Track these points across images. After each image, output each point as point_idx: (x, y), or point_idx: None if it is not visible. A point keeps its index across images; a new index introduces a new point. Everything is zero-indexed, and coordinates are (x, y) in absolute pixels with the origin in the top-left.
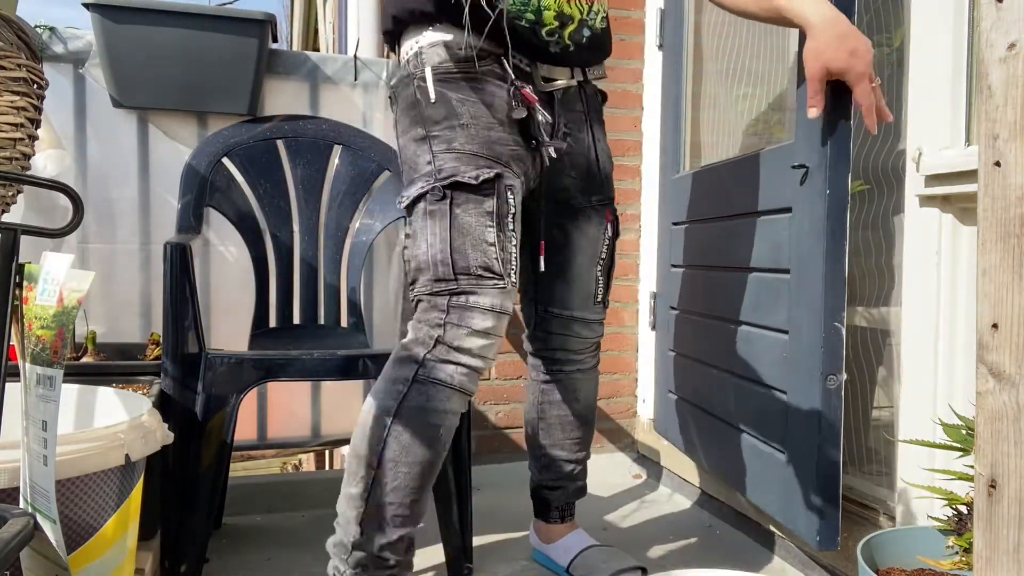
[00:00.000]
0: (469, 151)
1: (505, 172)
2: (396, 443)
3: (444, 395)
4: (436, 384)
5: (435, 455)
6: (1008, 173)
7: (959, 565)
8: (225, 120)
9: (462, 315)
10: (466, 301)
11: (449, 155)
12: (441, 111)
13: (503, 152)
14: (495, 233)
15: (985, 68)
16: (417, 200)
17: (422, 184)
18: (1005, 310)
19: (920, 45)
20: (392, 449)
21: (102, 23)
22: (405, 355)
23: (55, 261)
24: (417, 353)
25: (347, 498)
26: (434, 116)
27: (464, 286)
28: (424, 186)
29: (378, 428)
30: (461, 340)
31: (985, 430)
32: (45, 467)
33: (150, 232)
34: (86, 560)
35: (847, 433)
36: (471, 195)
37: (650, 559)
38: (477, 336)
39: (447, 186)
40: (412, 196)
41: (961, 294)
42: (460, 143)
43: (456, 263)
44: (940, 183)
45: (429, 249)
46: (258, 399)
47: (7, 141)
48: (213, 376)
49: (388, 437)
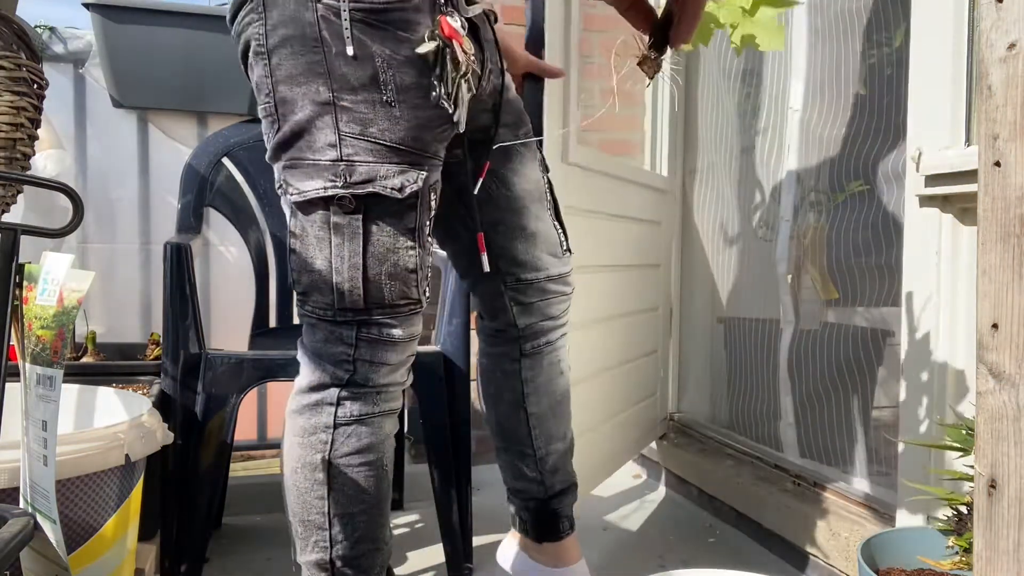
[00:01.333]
0: (390, 142)
1: (431, 168)
2: (341, 496)
3: (375, 426)
4: (361, 421)
5: (386, 485)
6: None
7: (959, 565)
8: (225, 120)
9: (374, 350)
10: (379, 334)
11: (363, 144)
12: (360, 73)
13: (431, 139)
14: (416, 254)
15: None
16: (315, 204)
17: (324, 183)
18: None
19: (920, 45)
20: (339, 504)
21: (102, 23)
22: (313, 401)
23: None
24: (327, 396)
25: (308, 565)
26: (349, 78)
27: (376, 317)
28: (327, 188)
29: (314, 488)
30: (377, 377)
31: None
32: (45, 467)
33: (150, 232)
34: (86, 560)
35: (847, 433)
36: (391, 208)
37: (650, 559)
38: (392, 369)
39: (362, 197)
40: (308, 195)
41: (961, 294)
42: (379, 129)
43: (369, 294)
44: (940, 183)
45: (333, 273)
46: (258, 399)
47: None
48: (213, 376)
49: (329, 493)
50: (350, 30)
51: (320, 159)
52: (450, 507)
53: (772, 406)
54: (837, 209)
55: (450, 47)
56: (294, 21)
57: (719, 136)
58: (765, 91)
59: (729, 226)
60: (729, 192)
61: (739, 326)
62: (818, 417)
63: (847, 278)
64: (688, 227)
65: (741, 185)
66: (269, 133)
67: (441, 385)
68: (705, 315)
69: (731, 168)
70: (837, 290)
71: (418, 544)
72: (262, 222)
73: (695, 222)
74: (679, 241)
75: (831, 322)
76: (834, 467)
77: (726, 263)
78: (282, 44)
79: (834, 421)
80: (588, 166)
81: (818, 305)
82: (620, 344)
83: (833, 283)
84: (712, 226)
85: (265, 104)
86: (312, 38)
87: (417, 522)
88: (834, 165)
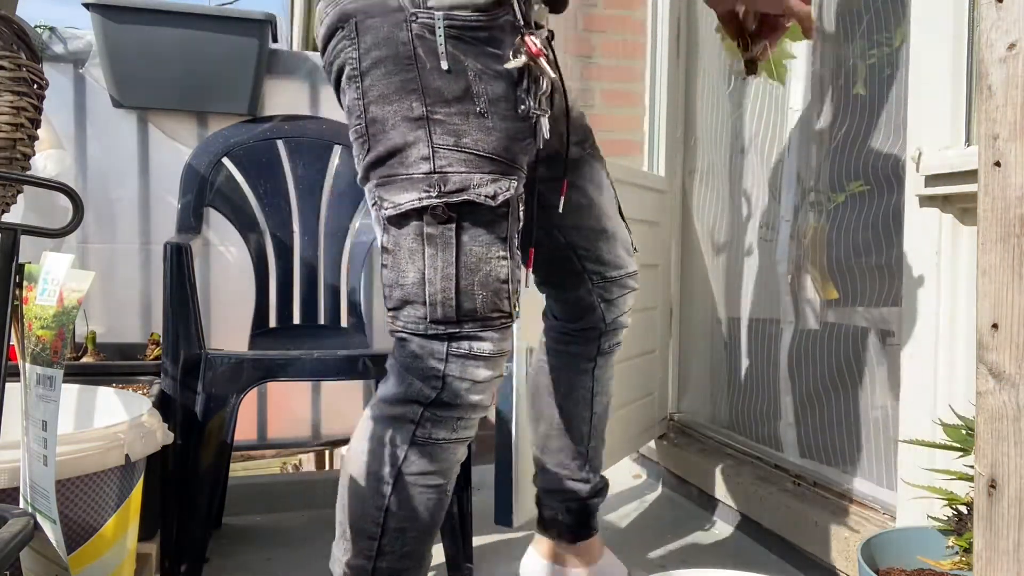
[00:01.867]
0: (483, 152)
1: (519, 179)
2: (401, 511)
3: (449, 452)
4: (438, 444)
5: (444, 509)
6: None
7: (959, 565)
8: (225, 120)
9: (464, 367)
10: (469, 349)
11: (456, 154)
12: (453, 86)
13: (518, 151)
14: (507, 264)
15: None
16: (409, 216)
17: (419, 195)
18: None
19: (920, 45)
20: (396, 518)
21: (102, 23)
22: (396, 414)
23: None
24: (411, 413)
25: (350, 567)
26: (443, 91)
27: (468, 331)
28: (423, 198)
29: (375, 498)
30: (464, 395)
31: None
32: (45, 467)
33: (150, 232)
34: (86, 560)
35: (847, 433)
36: (483, 217)
37: (650, 559)
38: (481, 387)
39: (456, 205)
40: (403, 208)
41: (961, 294)
42: (473, 139)
43: (462, 306)
44: (940, 183)
45: (426, 284)
46: (258, 399)
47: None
48: (213, 376)
49: (389, 506)
50: (444, 45)
51: (413, 173)
52: (450, 507)
53: (772, 406)
54: (837, 209)
55: (536, 64)
56: (388, 42)
57: (719, 136)
58: (765, 91)
59: (729, 226)
60: (729, 192)
61: (739, 326)
62: (818, 417)
63: (847, 278)
64: (688, 227)
65: (741, 185)
66: (360, 154)
67: None
68: (705, 315)
69: (731, 168)
70: (837, 290)
71: None
72: (262, 222)
73: (695, 222)
74: (679, 241)
75: (831, 322)
76: (834, 467)
77: (726, 263)
78: (375, 65)
79: (834, 421)
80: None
81: (818, 305)
82: None
83: (833, 283)
84: (712, 226)
85: (356, 126)
86: (406, 56)
87: None
88: (834, 165)
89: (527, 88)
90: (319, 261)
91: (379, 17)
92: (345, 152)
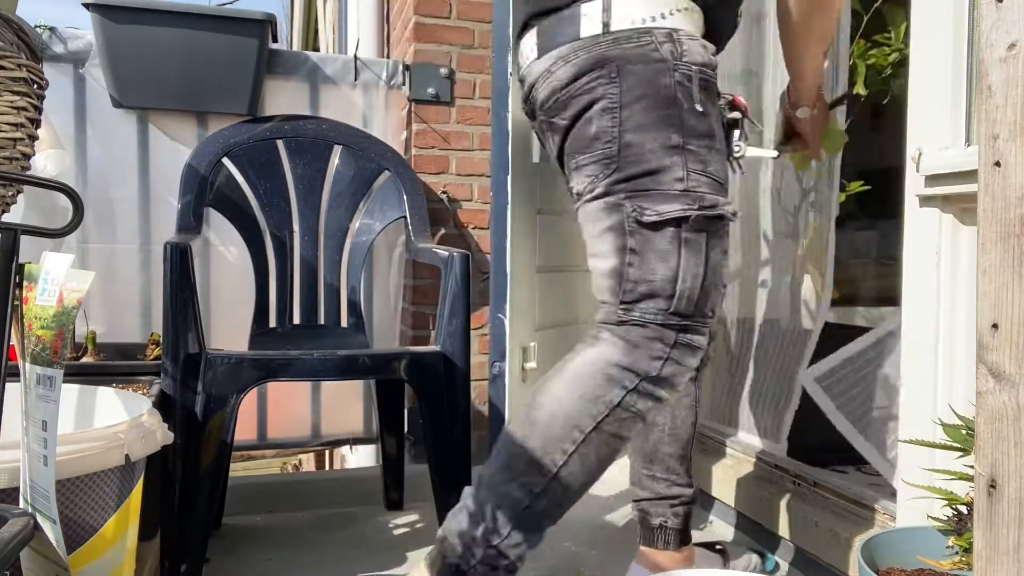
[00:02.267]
0: (720, 179)
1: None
2: (580, 462)
3: (636, 427)
4: (634, 416)
5: (602, 474)
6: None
7: (959, 565)
8: (225, 120)
9: (683, 354)
10: (691, 340)
11: (703, 179)
12: (703, 125)
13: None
14: (725, 273)
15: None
16: (668, 223)
17: (682, 206)
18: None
19: (920, 45)
20: (574, 466)
21: (102, 23)
22: (616, 375)
23: (55, 261)
24: (628, 380)
25: (500, 496)
26: (697, 128)
27: (695, 324)
28: (685, 210)
29: (564, 442)
30: (675, 378)
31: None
32: (45, 467)
33: (150, 232)
34: (86, 560)
35: (849, 433)
36: (720, 231)
37: None
38: (687, 373)
39: (708, 218)
40: (668, 216)
41: (961, 294)
42: (714, 168)
43: (700, 303)
44: (940, 183)
45: (679, 281)
46: (258, 399)
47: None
48: (213, 376)
49: (574, 454)
50: (697, 92)
51: (667, 190)
52: (450, 507)
53: (772, 406)
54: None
55: (745, 115)
56: (651, 84)
57: None
58: (765, 91)
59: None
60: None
61: (739, 326)
62: (818, 417)
63: (847, 278)
64: None
65: (741, 185)
66: (600, 172)
67: (441, 385)
68: None
69: None
70: (837, 290)
71: (418, 544)
72: (262, 222)
73: None
74: None
75: (831, 322)
76: (834, 467)
77: None
78: (636, 101)
79: (834, 420)
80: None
81: (818, 305)
82: None
83: (833, 283)
84: None
85: (605, 148)
86: (667, 97)
87: (417, 522)
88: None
89: (741, 133)
90: (319, 261)
91: (642, 64)
92: (345, 152)
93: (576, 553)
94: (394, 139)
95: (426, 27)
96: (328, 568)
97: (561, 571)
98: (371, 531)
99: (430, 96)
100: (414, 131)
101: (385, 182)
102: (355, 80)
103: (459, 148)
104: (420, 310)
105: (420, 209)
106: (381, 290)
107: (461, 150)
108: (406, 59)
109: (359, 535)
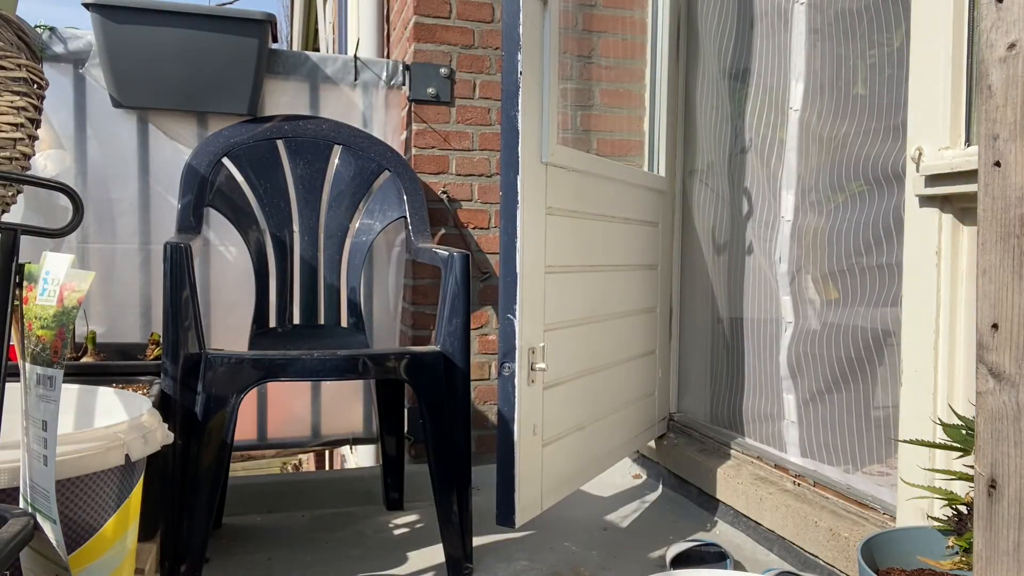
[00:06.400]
0: None
1: None
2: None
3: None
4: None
5: None
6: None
7: (959, 565)
8: (225, 120)
9: None
10: None
11: None
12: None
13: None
14: None
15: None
16: None
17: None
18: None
19: (920, 45)
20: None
21: (102, 23)
22: None
23: (55, 261)
24: None
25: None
26: None
27: None
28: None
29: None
30: None
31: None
32: (45, 467)
33: (150, 232)
34: (86, 560)
35: (847, 432)
36: None
37: (650, 559)
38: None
39: None
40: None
41: (961, 294)
42: None
43: None
44: (940, 183)
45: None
46: (258, 399)
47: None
48: (213, 376)
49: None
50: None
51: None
52: (450, 507)
53: (772, 405)
54: (837, 209)
55: None
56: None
57: (719, 136)
58: (765, 91)
59: (729, 226)
60: (729, 193)
61: (739, 326)
62: (818, 416)
63: (847, 278)
64: (688, 228)
65: (741, 186)
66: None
67: (441, 385)
68: (705, 315)
69: (731, 168)
70: (837, 290)
71: (418, 544)
72: (262, 222)
73: (695, 222)
74: (679, 242)
75: (831, 322)
76: (834, 467)
77: (726, 263)
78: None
79: (834, 421)
80: (569, 166)
81: (818, 305)
82: (613, 344)
83: (833, 283)
84: (712, 226)
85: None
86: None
87: (417, 522)
88: (834, 165)
89: None
90: (319, 261)
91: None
92: (345, 152)
93: (576, 553)
94: (394, 139)
95: (426, 27)
96: (328, 568)
97: (561, 571)
98: (371, 531)
99: (430, 96)
100: (414, 131)
101: (385, 182)
102: (355, 80)
103: (459, 148)
104: (420, 310)
105: (420, 209)
106: (381, 290)
107: (461, 150)
108: (406, 59)
109: (359, 535)
